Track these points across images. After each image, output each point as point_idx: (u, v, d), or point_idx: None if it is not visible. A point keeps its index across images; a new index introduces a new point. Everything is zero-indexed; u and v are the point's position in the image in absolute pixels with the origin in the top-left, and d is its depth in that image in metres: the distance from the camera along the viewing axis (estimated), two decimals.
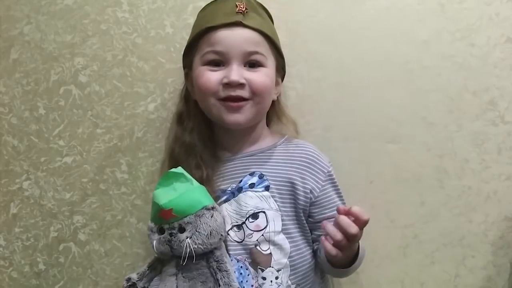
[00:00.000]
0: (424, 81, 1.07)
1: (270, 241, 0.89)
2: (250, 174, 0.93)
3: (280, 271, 0.89)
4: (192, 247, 0.77)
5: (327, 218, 0.91)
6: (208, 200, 0.83)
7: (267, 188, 0.91)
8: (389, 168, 1.07)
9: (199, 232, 0.78)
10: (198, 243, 0.78)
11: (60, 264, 1.11)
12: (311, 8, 1.07)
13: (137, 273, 0.85)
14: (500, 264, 1.07)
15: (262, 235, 0.89)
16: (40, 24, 1.11)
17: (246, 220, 0.90)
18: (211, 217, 0.80)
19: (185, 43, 1.00)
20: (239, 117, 0.91)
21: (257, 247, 0.89)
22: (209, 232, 0.79)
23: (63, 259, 1.11)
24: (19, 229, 1.12)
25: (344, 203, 0.96)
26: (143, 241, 1.09)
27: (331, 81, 1.08)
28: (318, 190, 0.93)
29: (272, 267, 0.89)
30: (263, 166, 0.94)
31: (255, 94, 0.90)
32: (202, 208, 0.80)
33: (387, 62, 1.07)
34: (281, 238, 0.90)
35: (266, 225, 0.90)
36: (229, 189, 0.93)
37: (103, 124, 1.10)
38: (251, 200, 0.91)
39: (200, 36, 0.93)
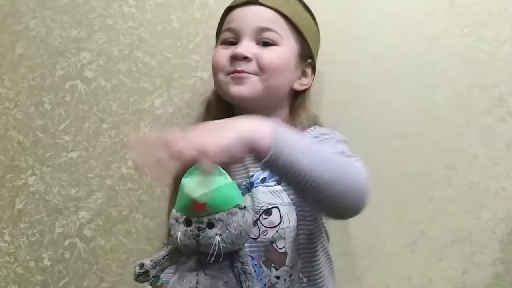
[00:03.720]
0: (433, 76, 1.06)
1: (285, 238, 0.86)
2: (261, 169, 0.89)
3: (293, 268, 0.87)
4: (221, 245, 0.75)
5: None
6: (240, 198, 0.78)
7: (278, 182, 0.87)
8: (397, 164, 1.06)
9: (229, 230, 0.74)
10: (227, 242, 0.74)
11: (66, 260, 1.11)
12: (320, 3, 1.07)
13: (151, 260, 0.80)
14: (508, 261, 1.06)
15: (277, 231, 0.86)
16: (45, 19, 1.11)
17: (260, 216, 0.86)
18: (243, 217, 0.75)
19: (191, 38, 1.00)
20: (242, 89, 0.87)
21: (273, 244, 0.86)
22: (239, 233, 0.74)
23: (68, 254, 1.11)
24: (24, 225, 1.11)
25: None
26: (149, 237, 1.09)
27: (339, 76, 1.07)
28: None
29: (287, 266, 0.86)
30: None
31: (262, 70, 0.87)
32: (235, 206, 0.75)
33: (395, 58, 1.06)
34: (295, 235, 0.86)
35: (280, 221, 0.86)
36: (244, 183, 0.89)
37: (109, 119, 1.10)
38: (263, 195, 0.87)
39: (222, 21, 0.94)
